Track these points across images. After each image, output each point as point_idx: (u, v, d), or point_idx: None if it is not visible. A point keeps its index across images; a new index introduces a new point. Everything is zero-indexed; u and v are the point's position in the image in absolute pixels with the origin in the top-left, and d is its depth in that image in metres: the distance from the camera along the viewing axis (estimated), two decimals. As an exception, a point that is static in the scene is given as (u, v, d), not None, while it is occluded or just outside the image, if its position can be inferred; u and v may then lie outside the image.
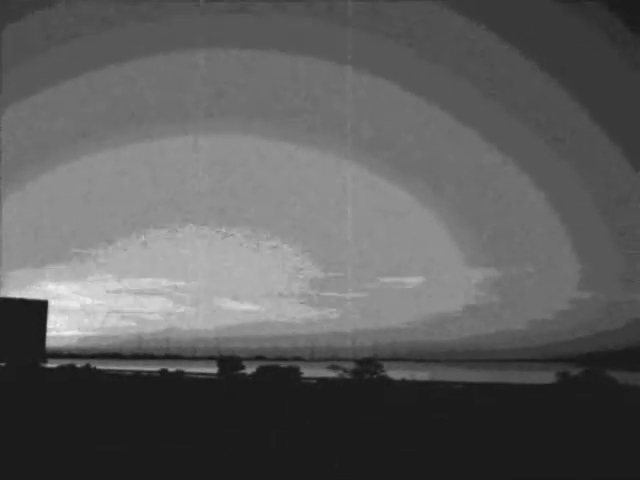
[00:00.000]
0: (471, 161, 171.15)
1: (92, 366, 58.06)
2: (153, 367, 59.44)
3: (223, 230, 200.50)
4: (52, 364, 61.93)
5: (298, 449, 11.78)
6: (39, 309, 66.13)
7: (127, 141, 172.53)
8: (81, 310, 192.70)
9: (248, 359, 58.20)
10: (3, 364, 57.74)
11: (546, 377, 31.59)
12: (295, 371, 36.07)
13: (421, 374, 48.84)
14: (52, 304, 76.72)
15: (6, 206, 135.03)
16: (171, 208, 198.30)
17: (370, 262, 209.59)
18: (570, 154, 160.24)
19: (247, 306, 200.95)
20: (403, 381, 33.29)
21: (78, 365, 57.87)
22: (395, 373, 35.88)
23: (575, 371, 28.06)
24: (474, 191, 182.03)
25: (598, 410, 19.66)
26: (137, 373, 51.58)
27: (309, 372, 38.49)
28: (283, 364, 39.81)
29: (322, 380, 34.43)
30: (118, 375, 49.88)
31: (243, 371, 42.13)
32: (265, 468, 9.95)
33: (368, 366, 34.49)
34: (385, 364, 35.34)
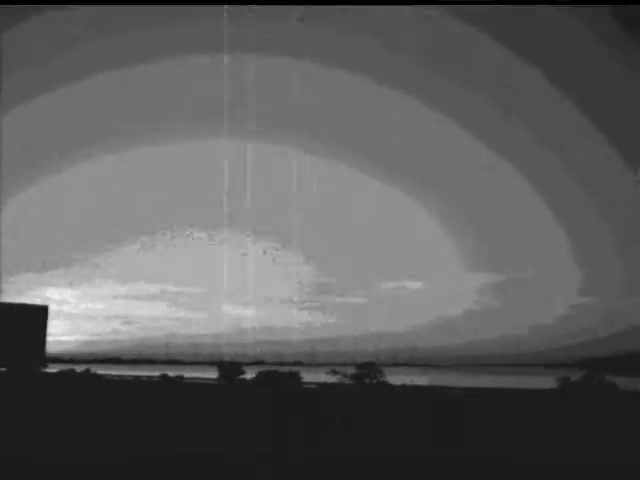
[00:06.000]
0: (471, 165, 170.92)
1: (92, 371, 58.04)
2: (153, 372, 59.35)
3: (225, 236, 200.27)
4: (52, 369, 61.85)
5: (298, 454, 11.79)
6: (40, 314, 66.00)
7: (129, 146, 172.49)
8: (82, 315, 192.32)
9: (248, 364, 58.08)
10: (3, 369, 57.66)
11: (546, 382, 31.58)
12: (295, 376, 36.06)
13: (421, 379, 48.85)
14: (53, 309, 76.83)
15: (7, 210, 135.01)
16: (173, 213, 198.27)
17: (370, 267, 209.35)
18: (569, 158, 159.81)
19: (247, 311, 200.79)
20: (403, 386, 33.28)
21: (78, 370, 57.83)
22: (395, 378, 35.87)
23: (575, 376, 28.07)
24: (474, 195, 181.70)
25: (599, 415, 19.65)
26: (137, 378, 51.51)
27: (309, 377, 38.45)
28: (283, 369, 39.77)
29: (322, 385, 34.41)
30: (118, 380, 49.82)
31: (243, 376, 42.11)
32: (265, 473, 9.97)
33: (368, 371, 34.50)
34: (385, 369, 35.35)
